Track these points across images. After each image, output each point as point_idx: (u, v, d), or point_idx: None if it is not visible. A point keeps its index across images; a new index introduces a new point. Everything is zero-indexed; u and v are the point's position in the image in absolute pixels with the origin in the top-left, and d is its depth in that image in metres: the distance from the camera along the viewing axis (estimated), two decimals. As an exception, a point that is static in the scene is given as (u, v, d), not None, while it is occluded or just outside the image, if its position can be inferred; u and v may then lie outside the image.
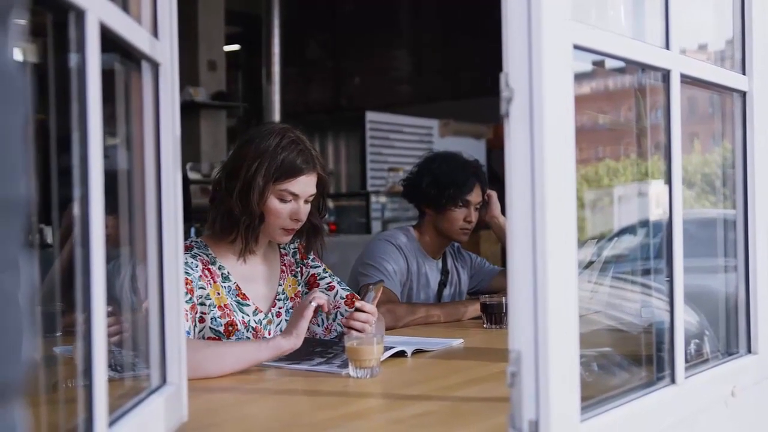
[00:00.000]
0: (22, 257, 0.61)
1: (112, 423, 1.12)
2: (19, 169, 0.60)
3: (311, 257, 2.48)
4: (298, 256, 2.47)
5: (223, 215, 2.26)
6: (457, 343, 2.42)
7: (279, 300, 2.39)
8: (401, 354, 2.17)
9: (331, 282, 2.45)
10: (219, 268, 2.28)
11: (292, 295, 2.42)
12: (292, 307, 2.39)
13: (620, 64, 1.61)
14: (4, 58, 0.60)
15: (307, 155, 2.26)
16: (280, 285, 2.40)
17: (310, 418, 1.62)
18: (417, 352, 2.25)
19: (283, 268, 2.43)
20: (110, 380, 1.09)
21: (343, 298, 2.41)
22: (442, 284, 3.21)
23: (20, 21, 0.63)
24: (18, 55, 0.62)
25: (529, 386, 1.20)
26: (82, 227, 1.02)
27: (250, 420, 1.67)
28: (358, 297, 2.41)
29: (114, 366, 1.33)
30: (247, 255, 2.31)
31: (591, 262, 2.28)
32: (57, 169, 1.08)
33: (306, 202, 2.29)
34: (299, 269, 2.47)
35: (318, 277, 2.46)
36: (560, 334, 1.21)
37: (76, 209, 1.02)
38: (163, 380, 1.41)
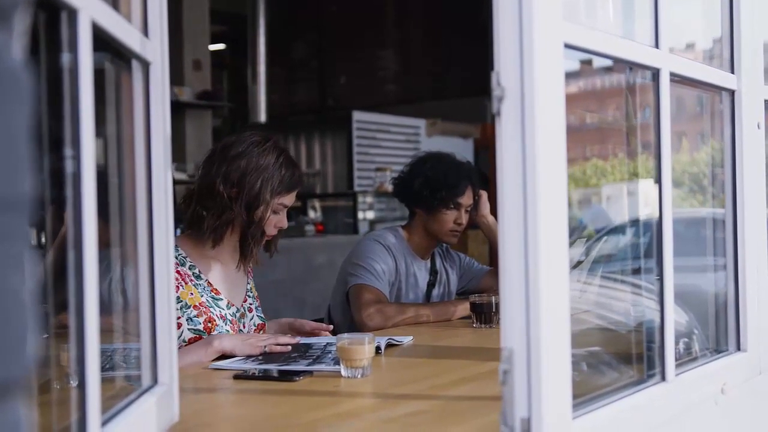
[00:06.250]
0: (27, 255, 0.61)
1: (104, 423, 1.11)
2: (24, 168, 0.61)
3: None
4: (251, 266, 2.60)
5: (224, 224, 2.34)
6: (407, 340, 2.43)
7: (249, 296, 2.52)
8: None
9: (257, 304, 2.57)
10: (189, 268, 2.36)
11: (256, 295, 2.57)
12: (258, 306, 2.54)
13: (608, 62, 1.61)
14: (8, 58, 0.59)
15: (300, 171, 2.43)
16: (248, 283, 2.54)
17: (302, 418, 1.61)
18: (389, 345, 2.30)
19: (249, 269, 2.56)
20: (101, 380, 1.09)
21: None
22: (431, 284, 3.21)
23: (24, 20, 0.63)
24: (21, 54, 0.62)
25: (522, 384, 1.20)
26: (74, 229, 1.02)
27: (242, 420, 1.66)
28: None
29: (104, 366, 1.32)
30: (243, 264, 2.42)
31: (579, 262, 2.29)
32: (47, 169, 1.08)
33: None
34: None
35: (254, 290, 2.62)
36: (552, 331, 1.21)
37: (67, 210, 1.02)
38: (155, 380, 1.40)
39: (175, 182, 6.51)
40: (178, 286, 2.27)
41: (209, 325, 2.30)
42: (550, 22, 1.22)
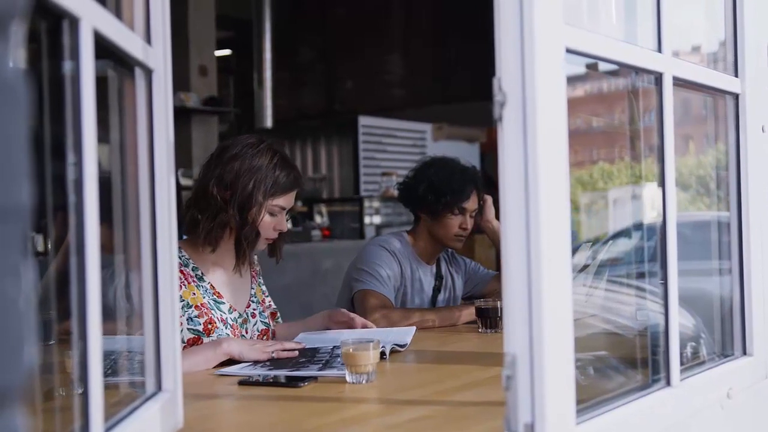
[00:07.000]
0: (23, 263, 0.62)
1: (107, 430, 1.11)
2: (22, 176, 0.61)
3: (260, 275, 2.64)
4: (258, 268, 2.63)
5: (219, 227, 2.34)
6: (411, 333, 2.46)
7: (253, 302, 2.52)
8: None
9: (269, 301, 2.62)
10: (193, 270, 2.37)
11: (261, 300, 2.57)
12: (262, 311, 2.54)
13: (613, 66, 1.61)
14: (5, 67, 0.60)
15: (296, 172, 2.42)
16: (252, 288, 2.54)
17: (307, 424, 1.61)
18: (393, 351, 2.30)
19: (253, 274, 2.57)
20: (105, 386, 1.09)
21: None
22: (437, 289, 3.20)
23: (21, 29, 0.63)
24: (19, 62, 0.63)
25: (525, 389, 1.20)
26: (76, 235, 1.02)
27: (246, 426, 1.66)
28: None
29: (107, 371, 1.33)
30: (240, 267, 2.43)
31: (586, 266, 2.29)
32: (49, 176, 1.08)
33: (287, 214, 2.45)
34: (261, 279, 2.62)
35: (263, 293, 2.62)
36: (555, 336, 1.21)
37: (70, 217, 1.02)
38: (159, 387, 1.40)
39: (182, 188, 6.52)
40: (180, 285, 2.27)
41: (209, 326, 2.31)
42: (551, 27, 1.22)
